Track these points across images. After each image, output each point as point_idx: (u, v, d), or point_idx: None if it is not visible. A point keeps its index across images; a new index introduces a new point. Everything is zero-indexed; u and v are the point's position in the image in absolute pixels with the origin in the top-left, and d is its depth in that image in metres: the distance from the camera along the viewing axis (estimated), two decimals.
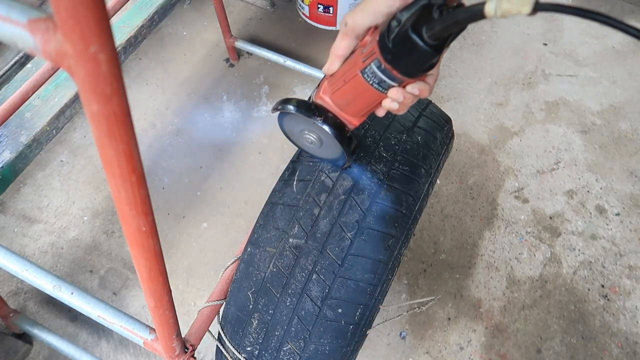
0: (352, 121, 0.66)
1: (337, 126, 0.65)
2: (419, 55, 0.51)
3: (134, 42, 1.80)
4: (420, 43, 0.50)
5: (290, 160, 0.80)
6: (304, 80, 1.78)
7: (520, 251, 1.46)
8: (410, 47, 0.51)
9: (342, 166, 0.74)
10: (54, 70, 1.23)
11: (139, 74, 1.78)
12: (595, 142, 1.67)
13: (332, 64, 0.61)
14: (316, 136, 0.69)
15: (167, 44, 1.86)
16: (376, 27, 0.55)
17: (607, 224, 1.51)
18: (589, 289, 1.40)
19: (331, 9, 1.78)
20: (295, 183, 0.77)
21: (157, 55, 1.83)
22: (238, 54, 1.82)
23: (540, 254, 1.46)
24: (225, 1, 1.60)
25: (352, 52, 0.60)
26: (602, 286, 1.41)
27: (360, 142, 0.78)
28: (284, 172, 0.80)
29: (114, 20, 1.76)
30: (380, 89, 0.58)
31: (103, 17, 0.27)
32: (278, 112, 0.68)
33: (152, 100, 1.72)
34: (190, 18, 1.94)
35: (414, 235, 1.46)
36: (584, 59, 1.88)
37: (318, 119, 0.64)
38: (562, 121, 1.72)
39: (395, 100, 0.58)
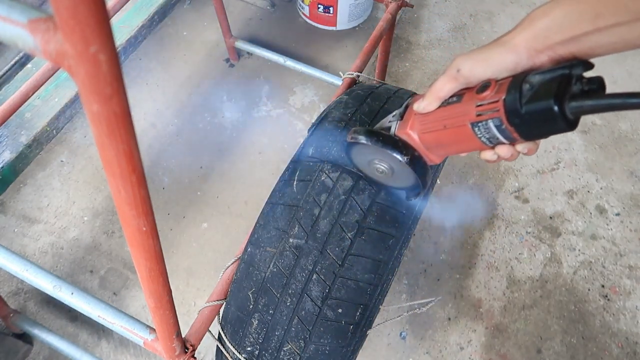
0: (433, 159, 0.63)
1: (422, 164, 0.63)
2: (553, 127, 0.48)
3: (134, 42, 1.80)
4: (561, 117, 0.46)
5: (291, 160, 0.80)
6: (304, 80, 1.78)
7: (520, 251, 1.46)
8: (547, 118, 0.47)
9: (409, 198, 0.72)
10: (54, 70, 1.23)
11: (139, 74, 1.78)
12: (595, 142, 1.67)
13: (430, 104, 0.58)
14: (388, 167, 0.66)
15: (167, 44, 1.86)
16: (496, 81, 0.52)
17: (607, 224, 1.51)
18: (589, 289, 1.40)
19: (331, 9, 1.78)
20: (295, 183, 0.77)
21: (157, 55, 1.83)
22: (238, 54, 1.82)
23: (541, 254, 1.46)
24: (226, 1, 1.59)
25: (454, 96, 0.57)
26: (602, 286, 1.41)
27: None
28: (284, 172, 0.80)
29: (114, 20, 1.76)
30: (488, 144, 0.55)
31: (103, 17, 0.27)
32: (353, 141, 0.64)
33: (152, 100, 1.72)
34: (190, 18, 1.94)
35: (414, 235, 1.46)
36: None
37: (405, 157, 0.61)
38: None
39: (503, 157, 0.55)
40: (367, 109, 0.84)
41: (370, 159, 0.67)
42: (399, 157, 0.61)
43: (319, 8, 1.79)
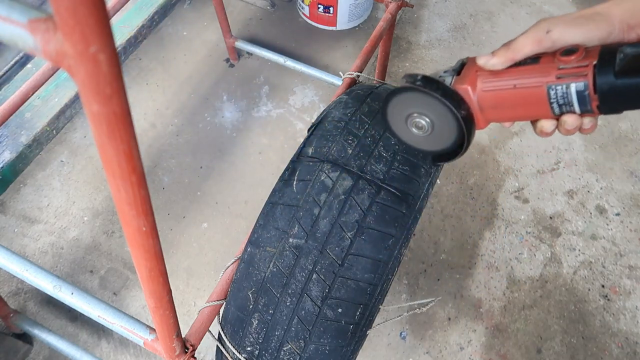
0: (480, 123, 0.59)
1: (472, 124, 0.58)
2: None
3: (134, 42, 1.80)
4: None
5: (290, 160, 0.80)
6: (304, 80, 1.78)
7: (520, 251, 1.46)
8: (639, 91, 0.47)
9: (436, 162, 0.66)
10: (54, 70, 1.23)
11: (139, 74, 1.78)
12: (595, 142, 1.67)
13: (503, 63, 0.54)
14: (429, 123, 0.60)
15: (167, 44, 1.86)
16: (584, 48, 0.51)
17: (607, 224, 1.51)
18: (589, 289, 1.40)
19: (331, 9, 1.78)
20: (295, 183, 0.77)
21: (157, 55, 1.83)
22: (238, 54, 1.82)
23: (541, 254, 1.46)
24: (226, 1, 1.59)
25: (529, 58, 0.54)
26: (603, 286, 1.41)
27: (359, 141, 0.78)
28: (284, 172, 0.80)
29: (114, 20, 1.76)
30: (556, 110, 0.53)
31: (103, 17, 0.27)
32: (406, 87, 0.58)
33: (152, 100, 1.72)
34: (190, 18, 1.94)
35: (414, 235, 1.46)
36: None
37: (462, 111, 0.56)
38: None
39: (566, 128, 0.53)
40: (367, 109, 0.84)
41: (411, 112, 0.61)
42: (455, 110, 0.56)
43: (319, 8, 1.79)
